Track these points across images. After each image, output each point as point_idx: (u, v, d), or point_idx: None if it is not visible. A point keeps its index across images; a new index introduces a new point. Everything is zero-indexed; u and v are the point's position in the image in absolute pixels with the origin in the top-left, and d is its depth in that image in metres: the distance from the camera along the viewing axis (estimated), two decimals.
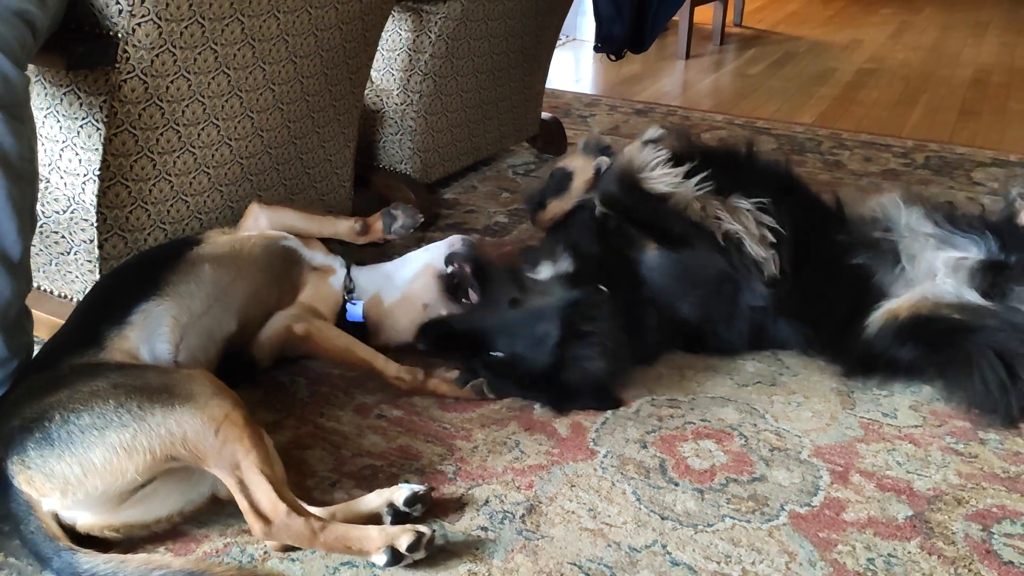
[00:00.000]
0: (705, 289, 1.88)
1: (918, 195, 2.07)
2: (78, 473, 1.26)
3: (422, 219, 1.92)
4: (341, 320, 1.83)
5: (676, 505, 1.48)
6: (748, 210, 1.88)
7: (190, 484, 1.39)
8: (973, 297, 1.81)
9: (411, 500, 1.41)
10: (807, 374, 1.88)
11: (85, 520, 1.33)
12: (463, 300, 1.85)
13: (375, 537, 1.32)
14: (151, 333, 1.53)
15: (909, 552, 1.39)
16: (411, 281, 1.87)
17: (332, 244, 1.90)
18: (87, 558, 1.27)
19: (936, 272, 1.86)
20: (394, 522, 1.39)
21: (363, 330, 1.84)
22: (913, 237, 1.91)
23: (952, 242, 1.89)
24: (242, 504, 1.30)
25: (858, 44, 5.23)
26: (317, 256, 1.84)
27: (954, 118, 3.72)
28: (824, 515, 1.46)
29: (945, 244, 1.88)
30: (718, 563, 1.36)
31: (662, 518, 1.45)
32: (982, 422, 1.71)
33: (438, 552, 1.37)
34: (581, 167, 2.04)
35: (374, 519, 1.40)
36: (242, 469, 1.30)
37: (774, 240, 1.86)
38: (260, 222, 1.80)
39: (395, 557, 1.30)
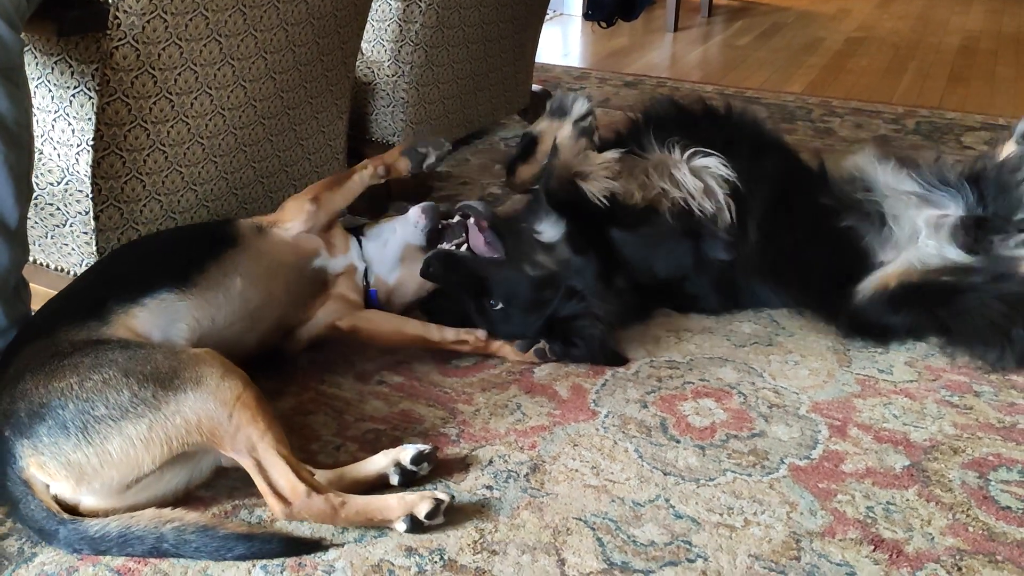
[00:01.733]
0: (667, 248, 1.92)
1: (892, 152, 2.10)
2: (95, 464, 1.26)
3: (450, 147, 1.91)
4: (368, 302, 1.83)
5: (678, 461, 1.50)
6: (701, 166, 1.90)
7: (194, 463, 1.39)
8: (957, 256, 1.83)
9: (417, 459, 1.42)
10: (803, 334, 1.89)
11: (89, 504, 1.32)
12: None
13: (395, 506, 1.33)
14: (168, 326, 1.49)
15: (907, 500, 1.41)
16: (400, 266, 1.85)
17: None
18: (95, 522, 1.27)
19: (919, 232, 1.87)
20: (401, 481, 1.40)
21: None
22: (895, 196, 1.92)
23: (931, 199, 1.90)
24: (260, 485, 1.31)
25: (846, 13, 5.23)
26: (340, 260, 1.79)
27: (943, 84, 3.74)
28: (823, 467, 1.48)
29: (925, 202, 1.89)
30: (721, 515, 1.38)
31: (664, 474, 1.47)
32: (984, 369, 1.74)
33: (445, 510, 1.38)
34: (546, 130, 2.04)
35: (381, 479, 1.41)
36: (259, 451, 1.31)
37: (725, 195, 1.89)
38: (306, 221, 1.73)
39: (415, 525, 1.32)
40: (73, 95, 1.61)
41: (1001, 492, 1.43)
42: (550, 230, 1.88)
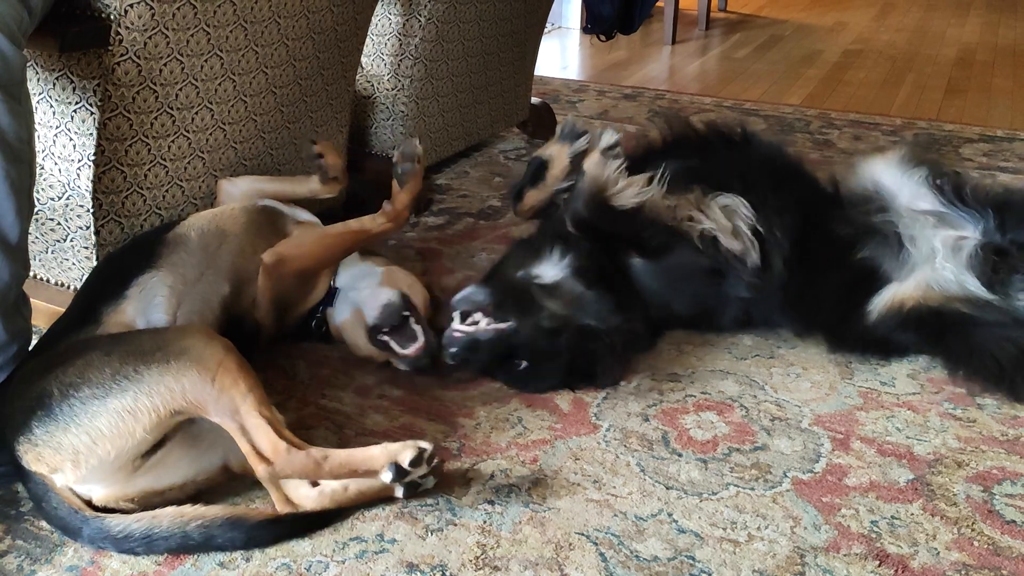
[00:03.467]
0: (691, 286, 1.88)
1: (921, 156, 2.03)
2: (87, 442, 1.27)
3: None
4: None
5: (680, 475, 1.49)
6: (724, 206, 1.85)
7: (200, 450, 1.40)
8: (976, 287, 1.78)
9: (416, 460, 1.35)
10: (804, 346, 1.89)
11: (100, 493, 1.33)
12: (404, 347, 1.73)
13: (378, 455, 1.33)
14: (147, 304, 1.54)
15: (912, 514, 1.40)
16: (346, 317, 1.80)
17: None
18: (117, 520, 1.29)
19: (936, 253, 1.82)
20: (395, 479, 1.35)
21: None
22: (912, 217, 1.87)
23: (950, 220, 1.85)
24: (244, 448, 1.31)
25: (843, 26, 5.25)
26: (301, 213, 1.85)
27: (940, 96, 3.75)
28: (827, 481, 1.48)
29: (943, 223, 1.85)
30: (724, 529, 1.37)
31: (667, 488, 1.46)
32: (983, 392, 1.72)
33: (447, 525, 1.37)
34: (556, 155, 1.98)
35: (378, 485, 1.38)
36: (241, 414, 1.31)
37: (751, 234, 1.84)
38: (230, 192, 1.85)
39: (399, 473, 1.32)
40: (75, 110, 1.61)
41: (1006, 506, 1.42)
42: (550, 270, 1.81)
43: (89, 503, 1.33)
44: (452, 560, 1.31)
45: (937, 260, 1.82)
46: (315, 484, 1.38)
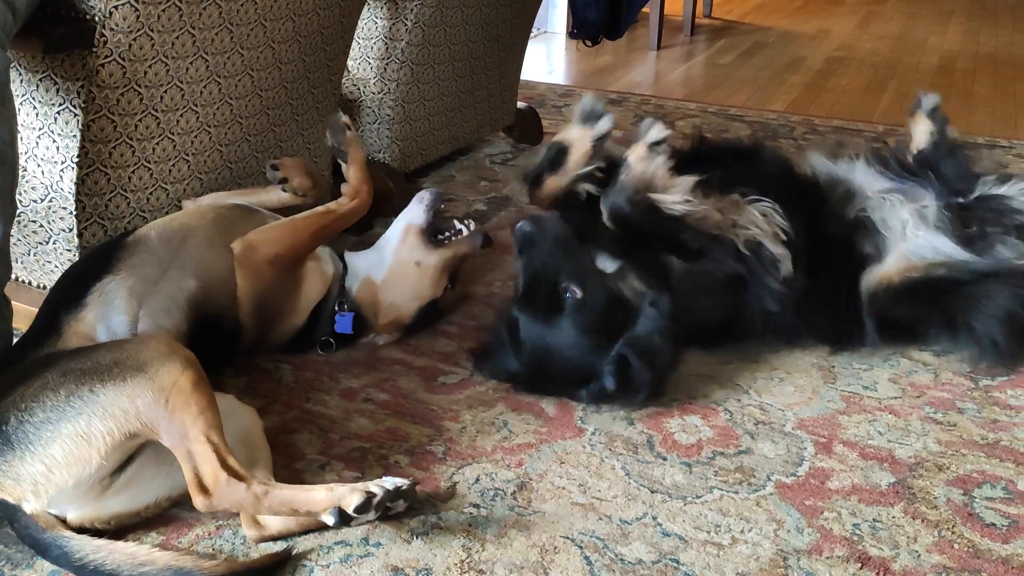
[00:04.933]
0: (720, 296, 1.82)
1: (837, 147, 2.15)
2: (43, 471, 1.23)
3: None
4: (329, 326, 1.81)
5: (665, 478, 1.50)
6: (764, 212, 1.83)
7: (172, 468, 1.34)
8: (951, 248, 1.85)
9: (363, 507, 1.29)
10: (788, 351, 1.90)
11: (72, 515, 1.30)
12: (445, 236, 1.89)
13: (321, 499, 1.27)
14: (107, 308, 1.50)
15: (893, 517, 1.41)
16: (396, 249, 1.87)
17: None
18: (78, 544, 1.26)
19: (906, 224, 1.90)
20: (337, 524, 1.29)
21: (349, 340, 1.84)
22: (878, 199, 1.95)
23: (905, 192, 1.95)
24: (186, 474, 1.26)
25: (826, 33, 5.30)
26: (272, 195, 1.85)
27: None
28: (809, 484, 1.49)
29: (903, 196, 1.94)
30: (708, 532, 1.38)
31: (652, 491, 1.47)
32: (983, 367, 1.80)
33: (432, 529, 1.37)
34: (578, 139, 1.87)
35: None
36: (189, 439, 1.25)
37: (786, 239, 1.82)
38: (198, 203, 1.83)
39: (343, 518, 1.27)
40: (58, 112, 1.60)
41: (986, 509, 1.44)
42: (608, 264, 1.76)
43: (64, 521, 1.30)
44: (437, 564, 1.31)
45: (907, 230, 1.89)
46: None
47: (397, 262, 1.86)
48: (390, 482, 1.34)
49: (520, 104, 3.18)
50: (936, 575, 1.30)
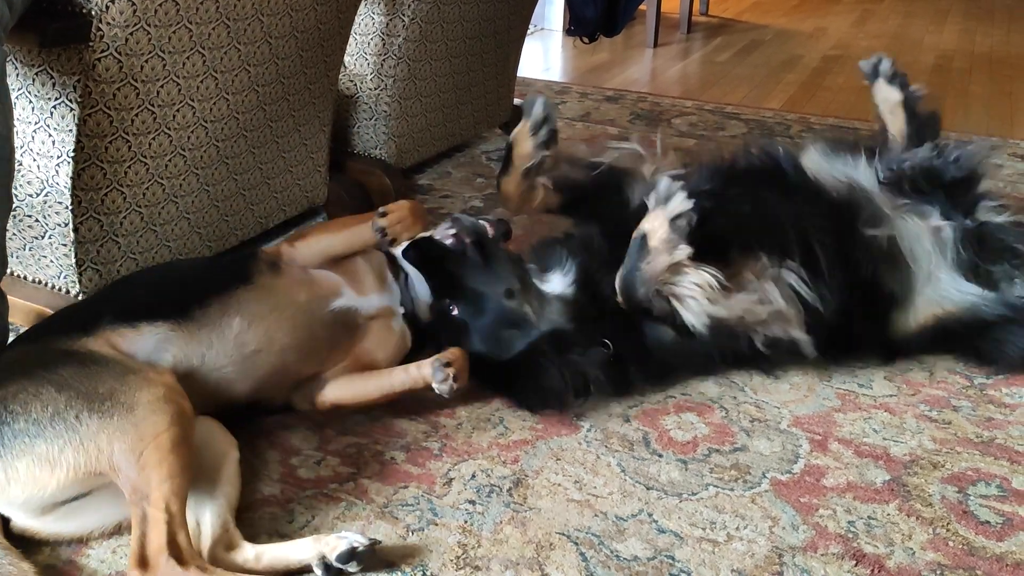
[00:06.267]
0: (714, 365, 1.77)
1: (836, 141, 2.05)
2: (2, 479, 1.22)
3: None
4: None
5: (660, 475, 1.50)
6: (790, 290, 1.71)
7: (120, 507, 1.29)
8: (975, 292, 1.82)
9: (346, 556, 1.26)
10: None
11: (16, 522, 1.29)
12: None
13: None
14: (153, 352, 1.41)
15: (888, 514, 1.42)
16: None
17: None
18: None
19: (930, 259, 1.83)
20: None
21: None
22: (900, 222, 1.84)
23: (916, 209, 1.87)
24: (133, 538, 1.20)
25: (822, 32, 5.30)
26: (372, 299, 1.65)
27: None
28: (805, 481, 1.49)
29: (917, 215, 1.86)
30: (703, 529, 1.38)
31: (647, 488, 1.47)
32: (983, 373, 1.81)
33: (428, 525, 1.37)
34: (519, 134, 1.85)
35: (304, 569, 1.28)
36: (149, 500, 1.20)
37: (803, 309, 1.72)
38: (295, 258, 1.62)
39: None
40: (54, 106, 1.60)
41: (980, 507, 1.44)
42: (559, 282, 1.73)
43: (7, 522, 1.28)
44: (433, 560, 1.31)
45: (932, 269, 1.82)
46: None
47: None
48: (345, 542, 1.27)
49: (517, 101, 3.18)
50: (931, 572, 1.31)
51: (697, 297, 1.62)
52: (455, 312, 1.67)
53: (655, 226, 1.62)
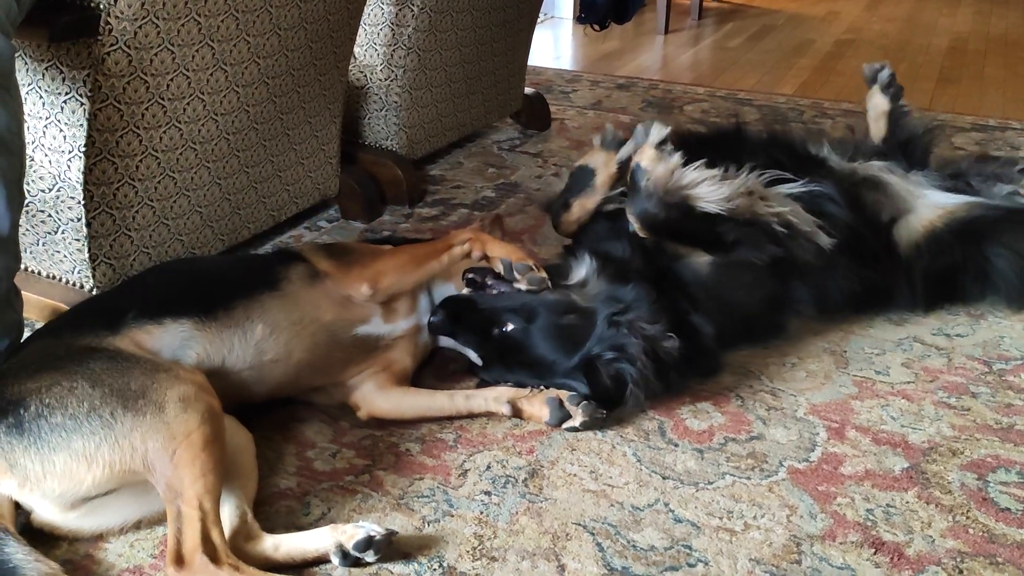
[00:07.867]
0: (761, 286, 1.80)
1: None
2: (38, 471, 1.23)
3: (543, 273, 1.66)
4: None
5: (676, 465, 1.49)
6: (790, 194, 1.83)
7: (149, 499, 1.32)
8: (969, 197, 1.99)
9: (364, 544, 1.26)
10: (800, 336, 1.89)
11: (40, 515, 1.29)
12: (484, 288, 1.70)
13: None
14: (178, 349, 1.44)
15: (907, 502, 1.41)
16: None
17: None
18: (12, 547, 1.22)
19: (911, 186, 2.02)
20: (344, 565, 1.28)
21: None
22: (876, 168, 2.03)
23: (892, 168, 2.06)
24: (169, 535, 1.21)
25: (835, 16, 5.25)
26: (400, 325, 1.66)
27: (933, 85, 3.75)
28: (822, 469, 1.48)
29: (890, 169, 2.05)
30: (720, 518, 1.37)
31: (663, 478, 1.46)
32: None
33: (444, 516, 1.37)
34: (603, 162, 1.87)
35: (321, 558, 1.29)
36: (183, 498, 1.22)
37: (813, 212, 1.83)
38: (361, 297, 1.60)
39: None
40: (64, 101, 1.60)
41: (1000, 494, 1.43)
42: (584, 268, 1.74)
43: (29, 514, 1.29)
44: (449, 551, 1.31)
45: (915, 190, 1.99)
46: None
47: None
48: (362, 531, 1.28)
49: (528, 90, 3.16)
50: (950, 560, 1.29)
51: (703, 182, 1.72)
52: (510, 328, 1.62)
53: (644, 155, 1.76)
